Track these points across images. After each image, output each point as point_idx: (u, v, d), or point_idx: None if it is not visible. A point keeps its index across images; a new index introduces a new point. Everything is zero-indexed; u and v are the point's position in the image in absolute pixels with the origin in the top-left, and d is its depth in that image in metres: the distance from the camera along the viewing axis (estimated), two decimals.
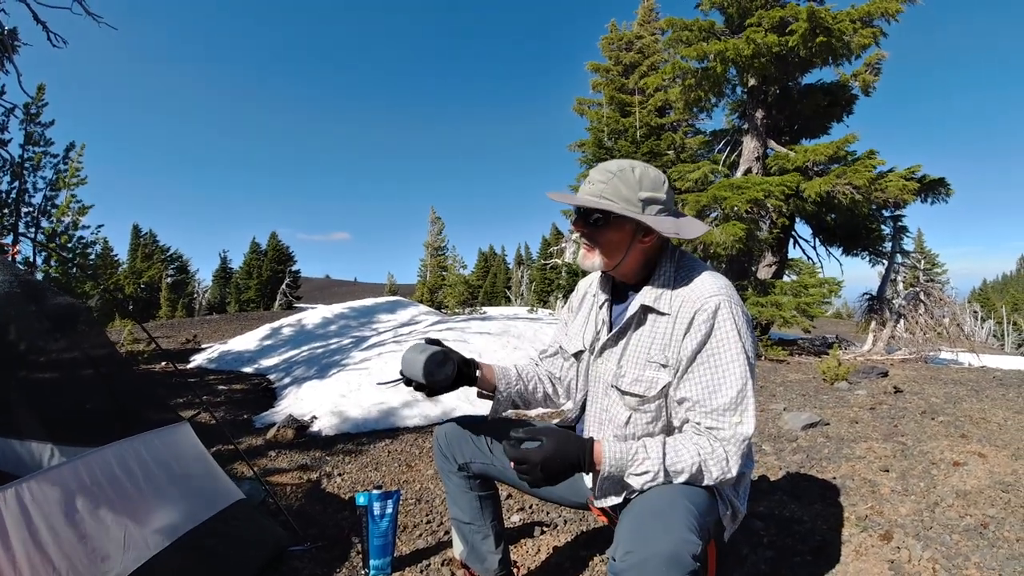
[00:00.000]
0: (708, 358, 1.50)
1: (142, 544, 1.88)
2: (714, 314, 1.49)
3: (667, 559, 1.25)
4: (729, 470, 1.46)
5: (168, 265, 34.29)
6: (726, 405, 1.47)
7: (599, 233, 1.60)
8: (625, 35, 16.06)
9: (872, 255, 10.58)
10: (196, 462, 2.38)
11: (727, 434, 1.47)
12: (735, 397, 1.47)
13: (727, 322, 1.49)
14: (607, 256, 1.62)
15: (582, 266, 1.67)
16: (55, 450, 2.18)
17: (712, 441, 1.47)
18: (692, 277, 1.58)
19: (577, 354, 1.82)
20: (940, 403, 4.76)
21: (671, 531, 1.30)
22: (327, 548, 2.48)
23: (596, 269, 1.67)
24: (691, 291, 1.55)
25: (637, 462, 1.44)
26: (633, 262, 1.64)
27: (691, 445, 1.46)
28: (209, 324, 15.40)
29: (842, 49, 8.95)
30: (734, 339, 1.49)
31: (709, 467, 1.45)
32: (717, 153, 11.54)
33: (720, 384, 1.48)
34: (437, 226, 26.57)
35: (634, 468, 1.44)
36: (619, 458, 1.44)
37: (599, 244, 1.61)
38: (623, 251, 1.61)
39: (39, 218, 10.66)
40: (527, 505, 2.91)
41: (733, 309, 1.51)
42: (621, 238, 1.60)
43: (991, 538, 2.31)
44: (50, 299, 2.50)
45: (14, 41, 7.39)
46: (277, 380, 6.63)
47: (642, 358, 1.59)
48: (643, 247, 1.62)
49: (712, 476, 1.45)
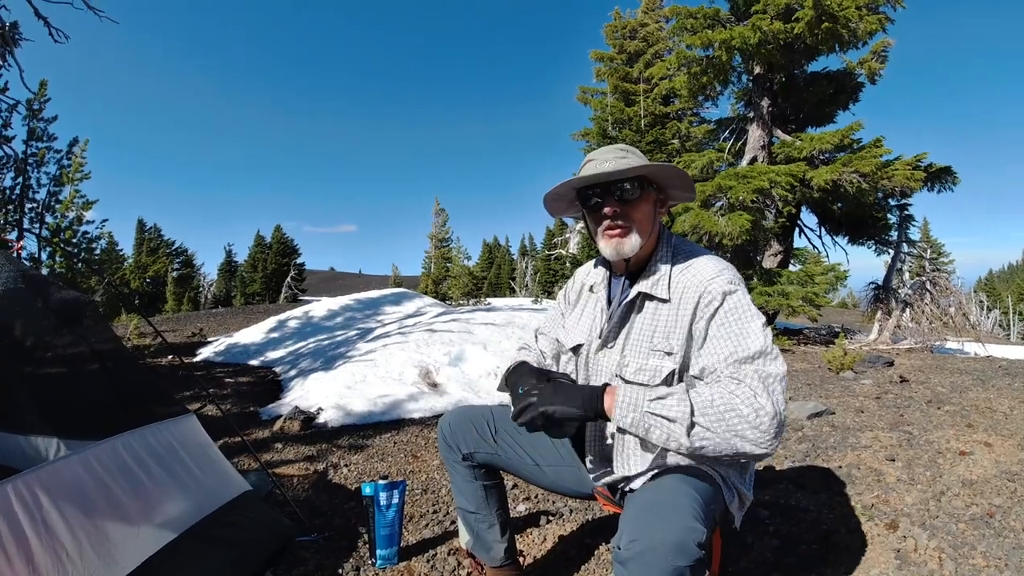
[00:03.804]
0: (721, 326, 1.45)
1: (153, 535, 1.89)
2: (721, 296, 1.47)
3: (672, 547, 1.23)
4: (761, 407, 1.31)
5: (173, 259, 34.43)
6: (751, 356, 1.39)
7: (633, 208, 1.55)
8: (629, 23, 15.96)
9: (878, 244, 10.52)
10: (203, 454, 2.39)
11: (751, 372, 1.37)
12: (760, 349, 1.40)
13: (735, 295, 1.47)
14: (642, 234, 1.56)
15: (620, 253, 1.57)
16: (61, 444, 2.18)
17: (737, 385, 1.37)
18: (691, 261, 1.56)
19: (576, 348, 1.78)
20: (946, 392, 4.74)
21: (676, 519, 1.28)
22: (334, 538, 2.49)
23: (634, 252, 1.57)
24: (692, 276, 1.52)
25: (656, 393, 1.36)
26: (652, 241, 1.61)
27: (714, 388, 1.38)
28: (215, 317, 15.46)
29: (848, 36, 8.88)
30: (746, 306, 1.46)
31: (737, 406, 1.32)
32: (722, 142, 11.48)
33: (740, 343, 1.42)
34: (441, 217, 26.58)
35: (652, 395, 1.36)
36: (634, 394, 1.37)
37: (635, 220, 1.56)
38: (651, 225, 1.59)
39: (43, 214, 10.69)
40: (533, 495, 2.92)
41: (737, 286, 1.49)
42: (650, 210, 1.58)
43: (997, 527, 2.31)
44: (55, 293, 2.50)
45: (15, 36, 7.39)
46: (283, 372, 6.66)
47: (645, 346, 1.56)
48: (656, 222, 1.61)
49: (743, 414, 1.31)
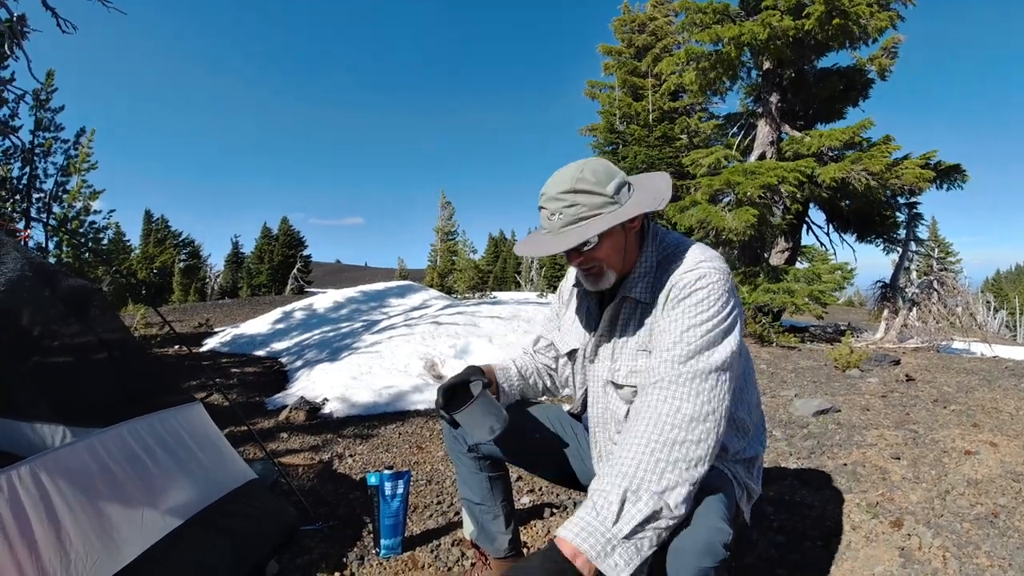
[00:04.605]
0: (672, 320, 1.38)
1: (158, 521, 1.89)
2: (683, 289, 1.39)
3: (701, 548, 1.20)
4: (686, 415, 1.24)
5: (180, 250, 34.54)
6: (686, 355, 1.31)
7: (597, 252, 1.45)
8: (638, 17, 15.86)
9: (886, 242, 10.46)
10: (209, 442, 2.40)
11: (683, 376, 1.29)
12: (699, 346, 1.32)
13: (700, 291, 1.37)
14: (615, 266, 1.49)
15: (600, 288, 1.53)
16: (67, 432, 2.18)
17: (662, 403, 1.28)
18: (676, 259, 1.47)
19: (571, 353, 1.75)
20: (952, 392, 4.73)
21: (704, 520, 1.25)
22: (339, 527, 2.51)
23: (612, 282, 1.51)
24: (672, 274, 1.45)
25: (610, 511, 1.16)
26: (631, 253, 1.52)
27: (640, 426, 1.27)
28: (221, 308, 15.53)
29: (859, 32, 8.80)
30: (705, 301, 1.36)
31: (668, 435, 1.23)
32: (731, 137, 11.42)
33: (680, 338, 1.34)
34: (447, 211, 26.58)
35: (610, 515, 1.15)
36: (595, 531, 1.14)
37: (603, 259, 1.47)
38: (623, 251, 1.49)
39: (50, 204, 10.71)
40: (537, 487, 2.93)
41: (709, 279, 1.39)
42: (616, 241, 1.46)
43: (1001, 527, 2.31)
44: (63, 282, 2.49)
45: (23, 27, 7.39)
46: (289, 363, 6.68)
47: (633, 349, 1.51)
48: (633, 232, 1.51)
49: (679, 440, 1.22)
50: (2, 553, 1.42)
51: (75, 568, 1.57)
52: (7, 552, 1.44)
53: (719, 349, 1.33)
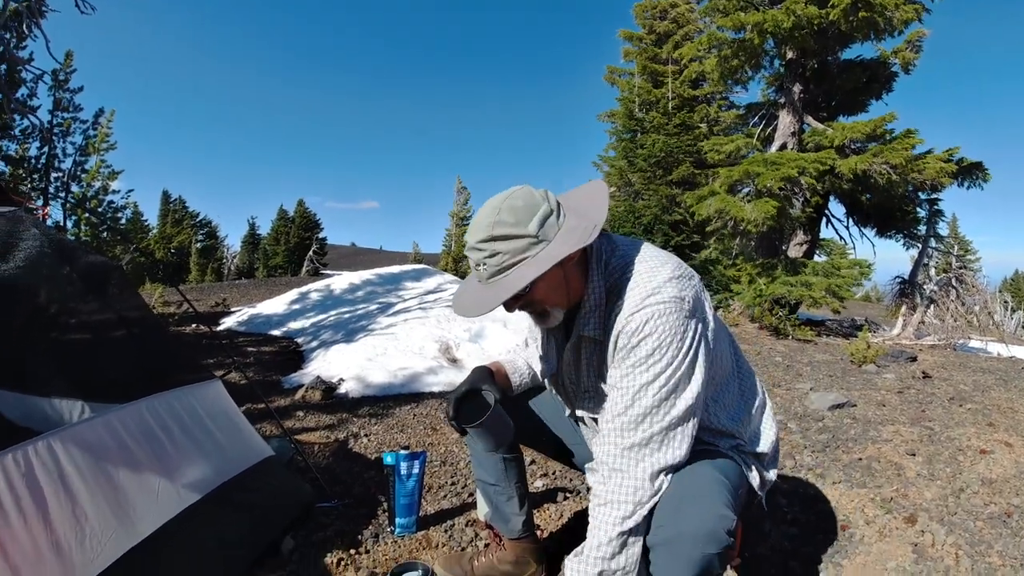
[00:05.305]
0: (621, 378, 1.36)
1: (174, 497, 1.91)
2: (641, 326, 1.31)
3: (705, 536, 1.22)
4: (630, 514, 1.31)
5: (197, 231, 34.92)
6: (639, 416, 1.32)
7: (534, 296, 1.38)
8: (660, 3, 15.65)
9: (906, 238, 10.30)
10: (227, 418, 2.43)
11: (627, 458, 1.33)
12: (656, 398, 1.31)
13: (650, 338, 1.31)
14: (560, 303, 1.43)
15: (549, 326, 1.51)
16: (86, 407, 2.19)
17: (607, 481, 1.36)
18: (622, 290, 1.37)
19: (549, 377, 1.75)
20: (968, 390, 4.68)
21: (708, 506, 1.26)
22: (354, 505, 2.55)
23: (560, 319, 1.46)
24: (620, 309, 1.36)
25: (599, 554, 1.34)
26: (575, 284, 1.43)
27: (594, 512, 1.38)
28: (238, 288, 15.67)
29: (884, 24, 8.62)
30: (654, 352, 1.31)
31: (606, 524, 1.35)
32: (752, 127, 11.27)
33: (637, 393, 1.33)
34: (463, 196, 26.56)
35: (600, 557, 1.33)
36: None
37: (544, 301, 1.41)
38: (563, 286, 1.40)
39: (69, 183, 10.81)
40: (551, 471, 2.95)
41: (661, 315, 1.30)
42: (552, 280, 1.37)
43: (1015, 527, 2.30)
44: (82, 258, 2.47)
45: (42, 7, 7.44)
46: (305, 343, 6.74)
47: (596, 382, 1.51)
48: (572, 265, 1.40)
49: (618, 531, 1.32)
50: (17, 528, 1.43)
51: (89, 543, 1.58)
52: (22, 527, 1.44)
53: (682, 398, 1.32)
